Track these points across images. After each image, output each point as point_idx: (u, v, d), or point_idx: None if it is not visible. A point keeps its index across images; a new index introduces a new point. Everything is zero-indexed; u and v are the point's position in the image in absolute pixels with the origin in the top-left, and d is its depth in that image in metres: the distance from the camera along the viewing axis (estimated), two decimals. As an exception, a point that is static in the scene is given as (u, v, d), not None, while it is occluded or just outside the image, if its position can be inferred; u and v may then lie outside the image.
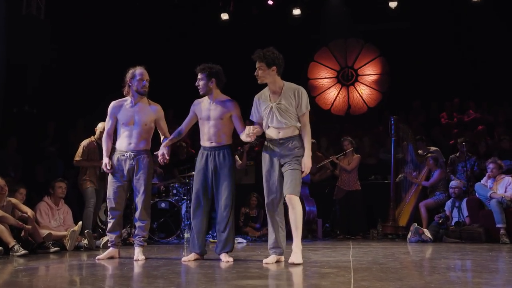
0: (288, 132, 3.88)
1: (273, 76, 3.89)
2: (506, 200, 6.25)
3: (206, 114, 4.16)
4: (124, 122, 4.37)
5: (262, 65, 3.88)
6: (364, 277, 2.98)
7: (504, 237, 6.09)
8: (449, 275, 3.16)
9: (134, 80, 4.34)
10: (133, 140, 4.34)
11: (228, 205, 4.09)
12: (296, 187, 3.79)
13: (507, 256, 4.54)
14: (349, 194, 7.50)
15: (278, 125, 3.88)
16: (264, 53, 3.88)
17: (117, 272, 3.51)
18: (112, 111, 4.45)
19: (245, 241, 6.80)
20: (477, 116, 9.68)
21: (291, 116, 3.86)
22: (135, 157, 4.33)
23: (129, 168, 4.34)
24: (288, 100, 3.87)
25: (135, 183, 4.34)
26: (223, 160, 4.11)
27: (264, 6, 10.85)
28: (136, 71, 4.36)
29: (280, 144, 3.88)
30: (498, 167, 6.59)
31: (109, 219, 4.43)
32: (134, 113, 4.36)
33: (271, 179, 3.91)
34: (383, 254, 4.62)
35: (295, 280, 2.98)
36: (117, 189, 4.36)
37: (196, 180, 4.19)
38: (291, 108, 3.86)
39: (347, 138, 7.76)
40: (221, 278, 3.09)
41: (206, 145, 4.18)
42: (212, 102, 4.17)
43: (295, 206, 3.77)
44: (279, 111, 3.87)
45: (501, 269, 3.60)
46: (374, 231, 7.29)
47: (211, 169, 4.12)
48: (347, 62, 12.14)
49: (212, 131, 4.13)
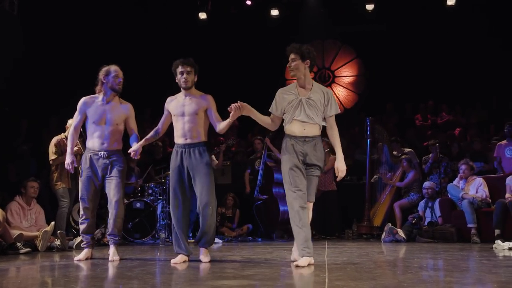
0: (313, 130, 3.80)
1: (305, 70, 3.86)
2: (477, 200, 6.40)
3: (180, 110, 4.04)
4: (95, 120, 4.25)
5: (296, 57, 3.84)
6: (338, 277, 3.01)
7: (475, 237, 6.23)
8: (421, 274, 3.21)
9: (109, 76, 4.24)
10: (106, 140, 4.25)
11: (209, 203, 3.95)
12: (315, 194, 3.88)
13: (477, 255, 4.63)
14: (325, 194, 7.56)
15: (305, 119, 3.78)
16: (300, 46, 3.85)
17: (91, 273, 3.46)
18: (82, 107, 4.31)
19: (221, 241, 6.78)
20: (450, 118, 9.89)
21: (318, 113, 3.80)
22: (109, 157, 4.25)
23: (103, 168, 4.25)
24: (317, 97, 3.81)
25: (109, 183, 4.26)
26: (199, 157, 3.98)
27: (242, 6, 10.85)
28: (111, 68, 4.28)
29: (304, 143, 3.77)
30: (470, 169, 6.74)
31: (82, 220, 4.33)
32: (106, 111, 4.26)
33: (297, 170, 3.79)
34: (358, 253, 4.67)
35: (270, 280, 2.98)
36: (90, 189, 4.27)
37: (172, 179, 4.06)
38: (320, 106, 3.80)
39: (324, 139, 7.77)
40: (196, 278, 3.08)
41: (180, 142, 4.05)
42: (186, 98, 4.07)
43: (310, 212, 3.88)
44: (307, 105, 3.79)
45: (472, 268, 3.68)
46: (349, 231, 7.36)
47: (186, 167, 3.99)
48: (324, 63, 12.24)
49: (187, 126, 4.01)
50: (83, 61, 8.57)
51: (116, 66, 4.32)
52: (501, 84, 10.00)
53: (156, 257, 4.71)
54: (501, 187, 6.50)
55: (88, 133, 4.32)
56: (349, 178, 8.57)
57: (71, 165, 4.31)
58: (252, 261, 4.07)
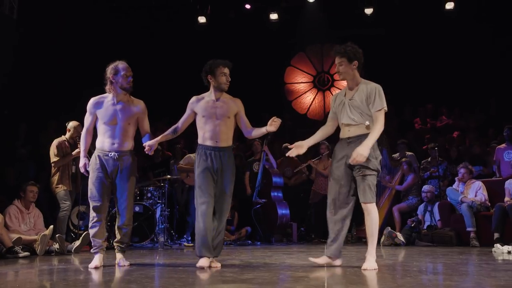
0: (358, 131, 3.72)
1: (353, 72, 3.80)
2: (476, 204, 6.40)
3: (212, 112, 3.93)
4: (106, 120, 4.06)
5: (343, 61, 3.78)
6: (337, 281, 3.00)
7: (474, 241, 6.23)
8: (420, 278, 3.21)
9: (118, 75, 4.04)
10: (117, 140, 4.06)
11: (226, 211, 3.96)
12: (368, 194, 3.69)
13: (477, 259, 4.63)
14: (325, 198, 7.50)
15: (347, 121, 3.76)
16: (345, 48, 3.79)
17: (90, 277, 3.45)
18: (92, 107, 4.13)
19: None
20: (449, 122, 9.90)
21: (362, 113, 3.71)
22: (120, 158, 4.06)
23: (113, 169, 4.05)
24: (361, 96, 3.73)
25: (118, 185, 4.08)
26: (227, 162, 3.91)
27: (242, 10, 10.87)
28: (119, 66, 4.07)
29: (348, 144, 3.74)
30: (469, 172, 6.75)
31: (93, 223, 4.06)
32: (117, 111, 4.07)
33: (333, 177, 3.82)
34: (357, 257, 4.66)
35: (269, 284, 2.97)
36: (101, 191, 4.04)
37: (200, 181, 3.88)
38: (363, 105, 3.70)
39: (324, 142, 7.82)
40: (195, 282, 3.07)
41: (208, 144, 3.91)
42: (219, 100, 3.98)
43: (369, 213, 3.74)
44: (350, 106, 3.75)
45: (471, 272, 3.67)
46: (349, 234, 7.34)
47: (217, 170, 3.88)
48: (324, 67, 12.26)
49: (219, 129, 3.91)
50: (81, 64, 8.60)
51: (124, 62, 4.11)
52: (500, 88, 10.02)
53: (155, 261, 4.70)
54: (500, 191, 6.51)
55: (99, 133, 4.14)
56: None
57: (83, 168, 4.15)
58: (251, 265, 4.07)
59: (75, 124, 6.00)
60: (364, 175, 3.67)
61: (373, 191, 3.71)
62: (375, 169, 3.68)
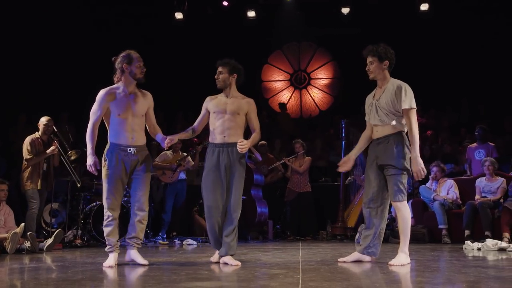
0: (385, 131, 3.76)
1: (384, 71, 3.84)
2: (448, 202, 6.54)
3: (222, 108, 4.00)
4: (120, 113, 3.84)
5: (374, 60, 3.82)
6: (312, 278, 3.02)
7: (446, 238, 6.37)
8: (393, 275, 3.26)
9: (132, 65, 3.85)
10: (135, 134, 3.87)
11: (238, 208, 3.95)
12: (397, 193, 3.69)
13: (448, 256, 4.73)
14: (300, 195, 7.60)
15: (375, 122, 3.81)
16: (376, 47, 3.82)
17: (62, 275, 3.38)
18: (103, 99, 3.86)
19: (195, 243, 6.74)
20: (423, 121, 10.07)
21: (388, 114, 3.74)
22: (138, 152, 3.89)
23: (131, 165, 3.87)
24: (388, 96, 3.75)
25: (137, 181, 3.91)
26: (237, 157, 3.94)
27: (219, 6, 10.84)
28: (132, 55, 3.88)
29: (377, 145, 3.80)
30: (441, 170, 6.89)
31: (108, 222, 3.87)
32: (131, 102, 3.87)
33: (367, 179, 3.88)
34: (332, 254, 4.71)
35: (244, 281, 2.98)
36: (118, 188, 3.87)
37: (208, 180, 3.95)
38: (390, 104, 3.72)
39: (299, 141, 7.86)
40: (169, 280, 3.05)
41: (218, 141, 3.98)
42: (229, 98, 4.05)
43: (399, 211, 3.76)
44: (377, 107, 3.79)
45: (442, 268, 3.75)
46: (324, 232, 7.41)
47: (225, 166, 3.93)
48: (300, 65, 12.33)
49: (227, 124, 3.97)
50: (51, 58, 8.43)
51: (135, 52, 3.94)
52: (472, 89, 10.25)
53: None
54: (470, 189, 6.66)
55: (111, 127, 3.90)
56: (324, 179, 8.66)
57: (93, 167, 3.86)
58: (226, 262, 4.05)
59: (46, 119, 5.88)
60: (393, 174, 3.71)
61: (403, 190, 3.73)
62: (403, 168, 3.70)
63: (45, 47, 8.68)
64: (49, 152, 5.70)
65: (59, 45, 8.73)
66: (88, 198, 6.81)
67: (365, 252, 3.93)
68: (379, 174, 3.82)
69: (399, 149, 3.70)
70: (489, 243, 5.29)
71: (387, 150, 3.72)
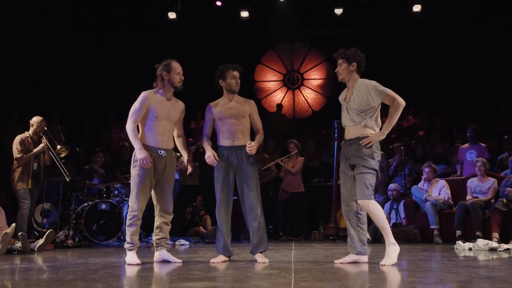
0: (357, 132, 3.82)
1: (352, 73, 3.92)
2: (440, 202, 6.58)
3: (227, 113, 4.13)
4: (158, 116, 4.01)
5: (342, 62, 3.92)
6: (304, 278, 3.03)
7: (437, 238, 6.41)
8: (385, 275, 3.27)
9: (172, 73, 4.03)
10: (165, 138, 4.07)
11: (257, 205, 4.06)
12: (364, 191, 3.74)
13: (439, 256, 4.76)
14: (293, 196, 7.61)
15: (347, 123, 3.88)
16: (345, 50, 3.93)
17: (53, 276, 3.37)
18: (146, 101, 4.00)
19: (188, 243, 6.74)
20: (416, 122, 10.13)
21: (359, 113, 3.81)
22: (167, 156, 4.08)
23: (160, 167, 4.04)
24: (359, 95, 3.82)
25: (163, 183, 4.09)
26: (246, 158, 4.07)
27: (212, 7, 10.83)
28: (172, 64, 4.07)
29: (349, 146, 3.85)
30: (433, 171, 6.93)
31: (134, 221, 4.00)
32: (170, 108, 4.08)
33: (342, 180, 3.94)
34: (324, 255, 4.73)
35: (236, 282, 2.98)
36: (147, 187, 4.01)
37: (218, 182, 4.13)
38: (362, 103, 3.79)
39: (293, 141, 7.88)
40: (161, 280, 3.05)
41: (226, 145, 4.13)
42: (232, 101, 4.19)
43: (368, 209, 3.80)
44: (347, 109, 3.88)
45: (434, 268, 3.77)
46: (316, 232, 7.44)
47: (234, 168, 4.09)
48: (294, 65, 12.35)
49: (234, 128, 4.12)
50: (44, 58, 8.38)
51: (176, 61, 4.12)
52: (464, 90, 10.32)
53: (121, 259, 4.63)
54: (462, 189, 6.71)
55: (146, 129, 4.04)
56: (316, 180, 8.68)
57: (147, 160, 3.89)
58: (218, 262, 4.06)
59: (39, 119, 5.85)
60: (363, 173, 3.76)
61: (371, 189, 3.78)
62: (372, 168, 3.76)
63: (38, 47, 8.64)
64: (39, 149, 5.68)
65: (52, 45, 8.69)
66: (80, 198, 6.79)
67: (359, 253, 3.97)
68: (351, 174, 3.88)
69: (369, 150, 3.77)
70: (480, 243, 5.32)
71: (358, 151, 3.79)
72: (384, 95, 3.81)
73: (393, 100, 3.80)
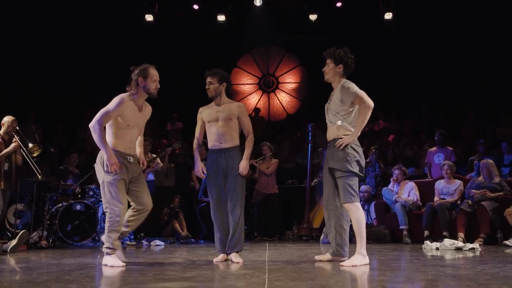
0: (332, 133, 3.86)
1: (337, 75, 3.93)
2: (409, 203, 6.77)
3: (215, 116, 4.21)
4: (130, 124, 3.92)
5: (330, 62, 3.94)
6: (278, 277, 3.09)
7: (407, 238, 6.59)
8: (356, 274, 3.37)
9: (148, 79, 3.91)
10: (133, 145, 4.05)
11: (238, 206, 4.12)
12: (347, 194, 3.75)
13: (408, 255, 4.88)
14: (267, 197, 7.70)
15: (327, 124, 3.93)
16: (334, 50, 3.93)
17: (26, 277, 3.35)
18: (122, 105, 3.84)
19: (163, 244, 6.75)
20: (386, 125, 10.36)
21: (336, 114, 3.84)
22: (133, 161, 4.02)
23: (131, 171, 3.97)
24: (336, 96, 3.86)
25: (137, 188, 4.04)
26: (233, 160, 4.16)
27: (189, 10, 10.84)
28: (150, 70, 3.95)
29: (328, 148, 3.90)
30: (403, 173, 7.12)
31: (117, 227, 3.89)
32: (140, 116, 4.01)
33: (324, 182, 4.01)
34: (297, 255, 4.80)
35: (211, 282, 3.03)
36: (124, 191, 3.96)
37: (210, 184, 4.23)
38: (338, 103, 3.82)
39: (266, 143, 7.98)
40: (136, 281, 3.07)
41: (215, 148, 4.21)
42: (220, 105, 4.25)
43: (351, 212, 3.80)
44: (328, 109, 3.92)
45: (403, 267, 3.86)
46: (290, 232, 7.53)
47: (222, 170, 4.16)
48: (269, 69, 12.45)
49: (222, 131, 4.18)
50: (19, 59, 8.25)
51: (154, 67, 4.00)
52: (431, 95, 10.60)
53: (96, 260, 4.62)
54: (430, 191, 6.90)
55: (115, 134, 3.92)
56: (290, 181, 8.79)
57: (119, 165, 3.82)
58: (193, 263, 4.10)
59: (10, 119, 5.76)
60: (341, 176, 3.79)
61: (352, 192, 3.76)
62: (347, 170, 3.75)
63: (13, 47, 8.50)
64: (10, 149, 5.60)
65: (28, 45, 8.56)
66: (55, 199, 6.72)
67: (334, 255, 4.06)
68: (331, 177, 3.94)
69: (343, 152, 3.76)
70: (446, 243, 5.47)
71: (334, 154, 3.82)
72: (354, 96, 3.80)
73: (361, 102, 3.81)
